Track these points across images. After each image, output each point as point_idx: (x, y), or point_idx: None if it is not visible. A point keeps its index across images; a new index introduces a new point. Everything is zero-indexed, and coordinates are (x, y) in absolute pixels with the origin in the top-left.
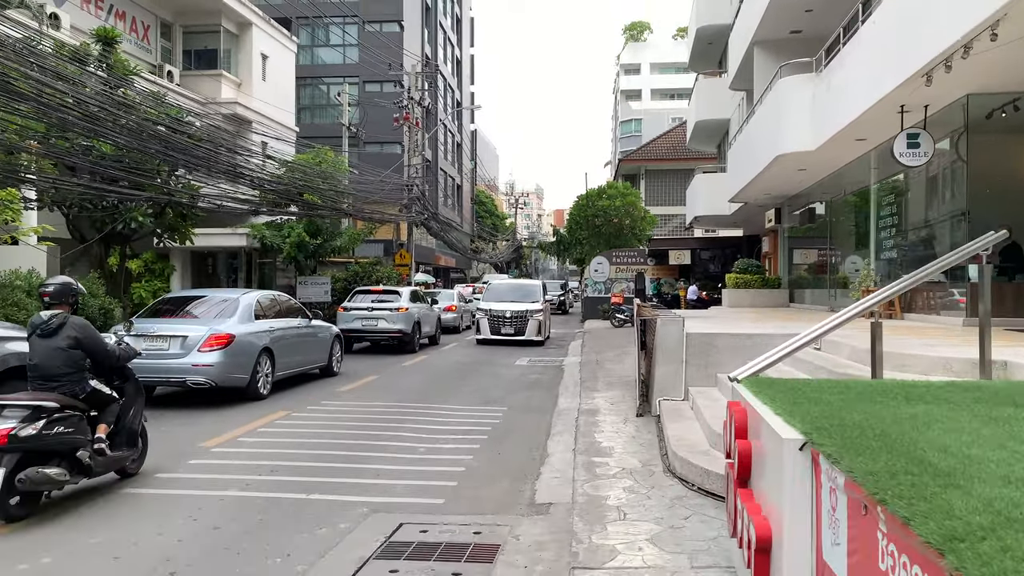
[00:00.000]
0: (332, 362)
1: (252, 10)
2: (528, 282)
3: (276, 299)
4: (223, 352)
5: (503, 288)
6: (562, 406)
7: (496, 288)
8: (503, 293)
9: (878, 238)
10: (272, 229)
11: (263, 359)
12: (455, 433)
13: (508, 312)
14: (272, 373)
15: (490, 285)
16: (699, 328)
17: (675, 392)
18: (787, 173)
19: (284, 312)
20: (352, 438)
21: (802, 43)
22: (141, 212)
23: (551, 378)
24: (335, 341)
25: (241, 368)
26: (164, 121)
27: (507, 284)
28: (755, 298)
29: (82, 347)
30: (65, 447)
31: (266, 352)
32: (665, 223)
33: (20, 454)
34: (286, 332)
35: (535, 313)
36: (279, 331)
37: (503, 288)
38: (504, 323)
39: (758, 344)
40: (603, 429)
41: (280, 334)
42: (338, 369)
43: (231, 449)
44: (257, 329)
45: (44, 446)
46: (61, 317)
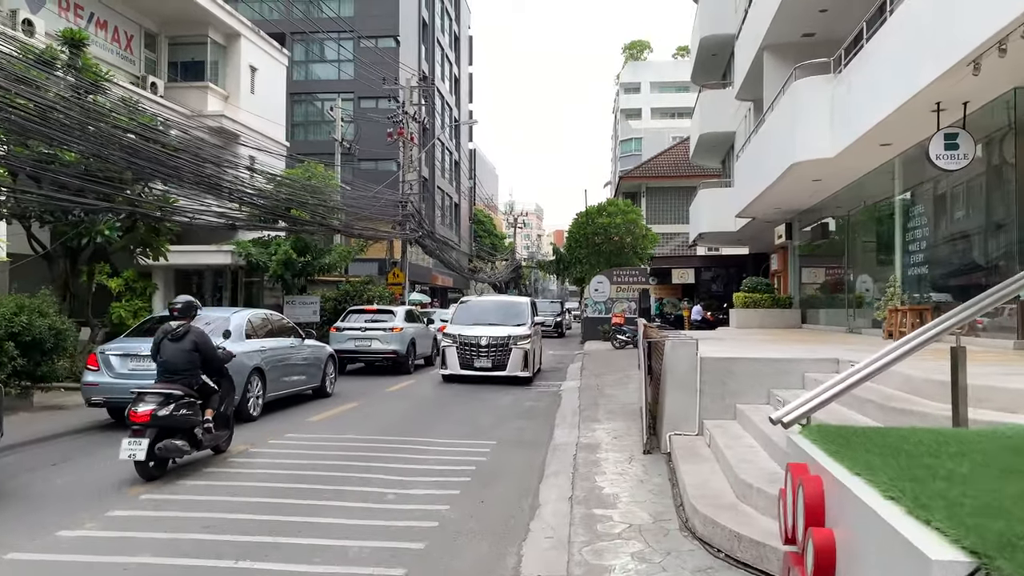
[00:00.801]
0: (326, 383)
1: (240, 21)
2: (512, 299)
3: (268, 318)
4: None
5: (479, 307)
6: (559, 440)
7: (470, 307)
8: (479, 313)
9: (905, 253)
10: (259, 246)
11: (254, 380)
12: (433, 474)
13: (484, 339)
14: (263, 394)
15: (463, 303)
16: (714, 351)
17: (687, 425)
18: (801, 184)
19: (276, 332)
20: (311, 481)
21: (815, 47)
22: (108, 225)
23: (547, 405)
24: (329, 361)
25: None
26: (135, 129)
27: (485, 302)
28: (765, 318)
29: (199, 350)
30: (186, 425)
31: (257, 372)
32: (667, 242)
33: (158, 429)
34: (278, 352)
35: (521, 340)
36: (271, 351)
37: (479, 307)
38: (478, 353)
39: (782, 370)
40: (605, 470)
41: (272, 354)
42: (332, 390)
43: (164, 496)
44: (248, 349)
45: (173, 424)
46: (185, 327)
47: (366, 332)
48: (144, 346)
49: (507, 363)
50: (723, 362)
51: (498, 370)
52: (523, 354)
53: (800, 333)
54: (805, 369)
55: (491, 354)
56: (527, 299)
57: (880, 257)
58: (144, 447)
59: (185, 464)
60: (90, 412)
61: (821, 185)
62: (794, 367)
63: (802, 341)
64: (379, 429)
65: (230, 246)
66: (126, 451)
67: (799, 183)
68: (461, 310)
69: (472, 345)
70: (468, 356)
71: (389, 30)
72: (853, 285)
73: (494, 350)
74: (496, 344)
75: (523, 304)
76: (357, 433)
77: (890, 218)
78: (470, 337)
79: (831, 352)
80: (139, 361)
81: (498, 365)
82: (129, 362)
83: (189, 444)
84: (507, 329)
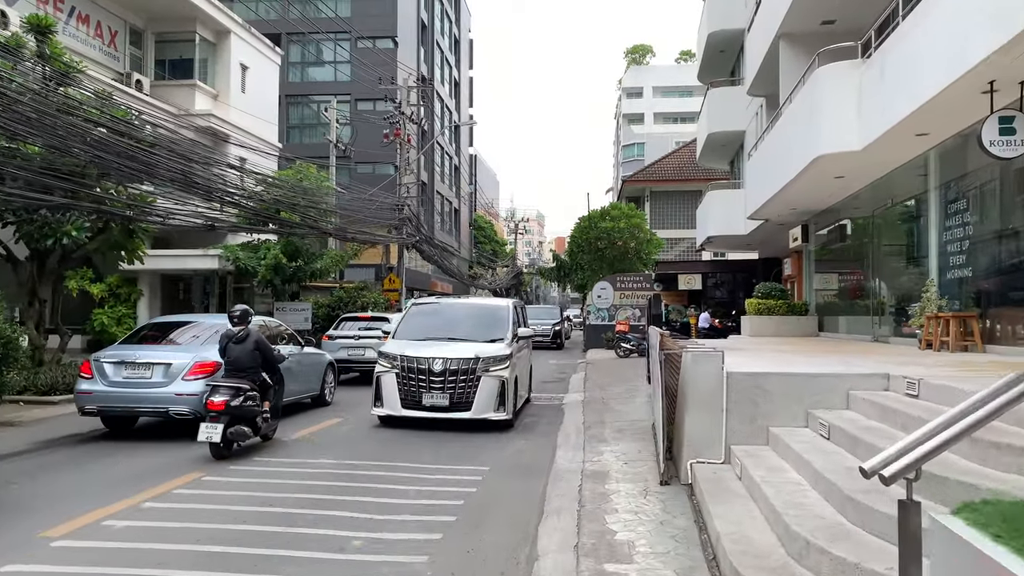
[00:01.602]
0: (325, 391)
1: (231, 17)
2: (487, 303)
3: (265, 325)
4: (208, 380)
5: (439, 314)
6: (561, 464)
7: (425, 313)
8: (437, 323)
9: (943, 254)
10: (247, 251)
11: None
12: (413, 510)
13: (438, 362)
14: None
15: (416, 305)
16: (741, 366)
17: (711, 451)
18: (822, 181)
19: (274, 339)
20: (266, 522)
21: (835, 36)
22: (76, 226)
23: (549, 421)
24: (328, 369)
25: None
26: (104, 122)
27: (448, 307)
28: (780, 326)
29: (259, 350)
30: (250, 415)
31: None
32: (671, 247)
33: (229, 417)
34: None
35: (496, 364)
36: None
37: (439, 314)
38: (430, 385)
39: (823, 387)
40: (616, 506)
41: None
42: (331, 399)
43: (78, 543)
44: None
45: (241, 413)
46: (246, 331)
47: (360, 340)
48: (139, 353)
49: (472, 399)
50: (753, 378)
51: (459, 410)
52: (498, 385)
53: (822, 342)
54: (850, 386)
55: (448, 386)
56: (509, 302)
57: (910, 260)
58: (219, 431)
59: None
60: (47, 429)
61: (843, 183)
62: (836, 384)
63: (831, 352)
64: (359, 451)
65: (217, 250)
66: (204, 434)
67: (820, 180)
68: (411, 317)
69: (420, 372)
70: (413, 388)
71: (387, 31)
72: (877, 291)
73: (453, 380)
74: (457, 370)
75: (502, 310)
76: (334, 458)
77: (923, 217)
78: (418, 359)
79: (876, 366)
80: (134, 369)
81: (459, 402)
82: (123, 370)
83: (252, 430)
84: (475, 348)
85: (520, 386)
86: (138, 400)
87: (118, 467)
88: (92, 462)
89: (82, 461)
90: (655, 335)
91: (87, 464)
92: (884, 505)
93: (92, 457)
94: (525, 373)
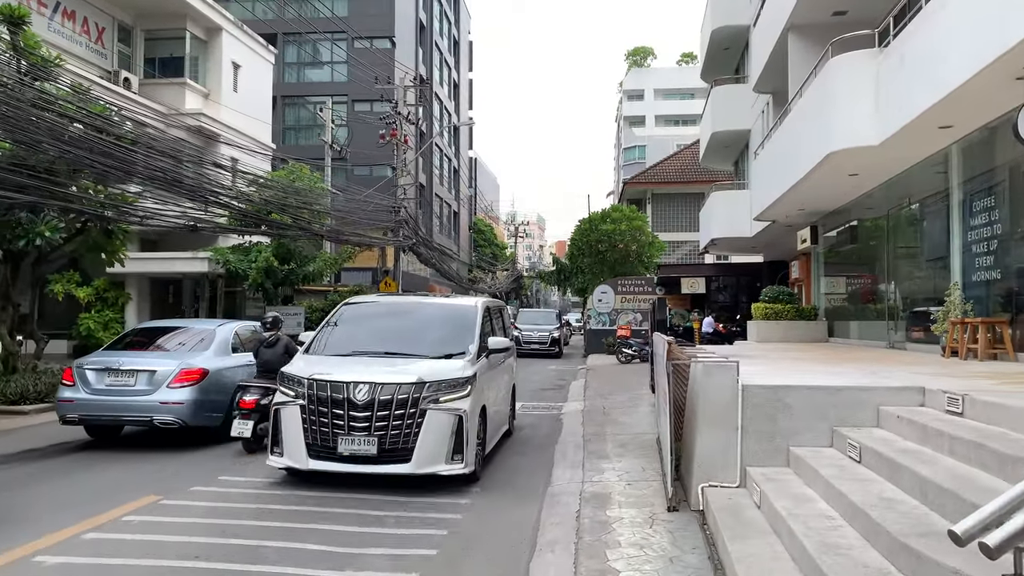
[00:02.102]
0: None
1: (222, 14)
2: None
3: (257, 331)
4: (195, 388)
5: (377, 318)
6: (557, 485)
7: (357, 317)
8: (370, 332)
9: (967, 255)
10: (238, 253)
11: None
12: (388, 543)
13: (363, 389)
14: None
15: (348, 305)
16: (757, 376)
17: (725, 473)
18: (834, 179)
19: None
20: (225, 556)
21: (846, 27)
22: (50, 227)
23: (546, 433)
24: None
25: (214, 407)
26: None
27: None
28: (788, 331)
29: (288, 353)
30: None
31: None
32: (673, 250)
33: (260, 413)
34: None
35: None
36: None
37: (377, 318)
38: (350, 423)
39: (850, 402)
40: (619, 537)
41: None
42: None
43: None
44: (234, 364)
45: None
46: (276, 336)
47: None
48: (123, 359)
49: (413, 444)
50: (772, 391)
51: (392, 461)
52: (452, 423)
53: (836, 349)
54: (880, 401)
55: (377, 425)
56: (479, 302)
57: (929, 262)
58: (250, 427)
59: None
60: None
61: (857, 181)
62: (865, 398)
63: (849, 359)
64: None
65: (207, 253)
66: (237, 430)
67: (832, 178)
68: (338, 322)
69: (335, 403)
70: (325, 428)
71: (384, 31)
72: (892, 295)
73: (385, 416)
74: (390, 401)
75: (467, 313)
76: (306, 478)
77: (943, 215)
78: (333, 385)
79: (907, 378)
80: (117, 376)
81: (393, 449)
82: (107, 377)
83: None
84: (421, 367)
85: (492, 420)
86: (121, 408)
87: (73, 487)
88: (39, 483)
89: (32, 481)
90: (661, 343)
91: (33, 485)
92: (955, 559)
93: (48, 475)
94: (503, 398)
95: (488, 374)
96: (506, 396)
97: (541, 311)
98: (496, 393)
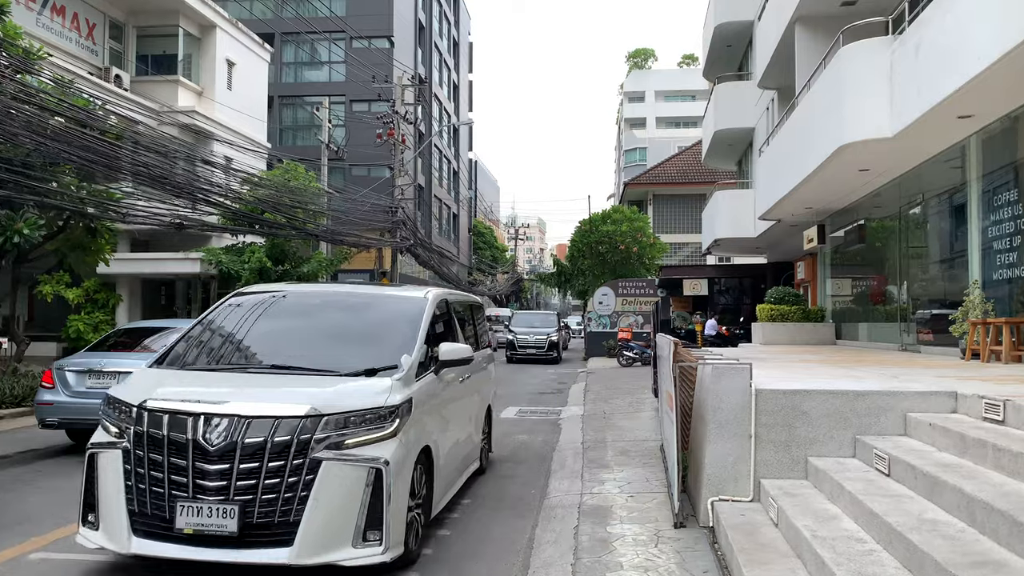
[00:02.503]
0: None
1: (216, 11)
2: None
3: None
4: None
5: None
6: (554, 496)
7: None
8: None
9: (986, 252)
10: (231, 254)
11: None
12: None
13: (219, 427)
14: None
15: (227, 301)
16: (770, 380)
17: (737, 486)
18: (845, 175)
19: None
20: None
21: (856, 17)
22: (28, 224)
23: (544, 440)
24: None
25: None
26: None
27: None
28: (795, 334)
29: None
30: None
31: None
32: (675, 252)
33: None
34: None
35: (363, 429)
36: None
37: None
38: (193, 481)
39: (874, 408)
40: (621, 558)
41: None
42: None
43: None
44: None
45: None
46: None
47: None
48: (106, 361)
49: (299, 516)
50: (789, 396)
51: (261, 542)
52: (362, 480)
53: (846, 352)
54: (908, 407)
55: (239, 483)
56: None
57: (944, 260)
58: None
59: None
60: None
61: (867, 177)
62: (891, 404)
63: (863, 362)
64: None
65: (199, 254)
66: None
67: (842, 174)
68: (216, 322)
69: (177, 448)
70: (159, 488)
71: (382, 30)
72: (904, 295)
73: (252, 470)
74: (261, 445)
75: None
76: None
77: (960, 211)
78: (175, 418)
79: (934, 382)
80: (99, 378)
81: (263, 524)
82: (87, 379)
83: None
84: (315, 391)
85: (446, 465)
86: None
87: (42, 497)
88: (4, 491)
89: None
90: (667, 344)
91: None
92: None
93: (15, 484)
94: (466, 428)
95: (440, 397)
96: (474, 423)
97: (538, 313)
98: (455, 423)
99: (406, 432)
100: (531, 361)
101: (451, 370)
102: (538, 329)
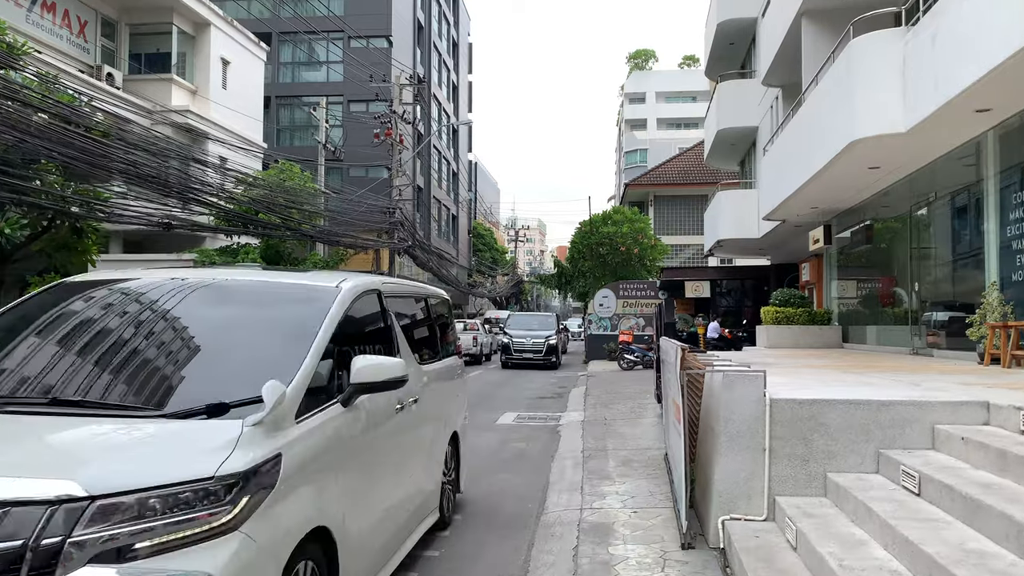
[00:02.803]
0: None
1: (211, 9)
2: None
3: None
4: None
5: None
6: (553, 512)
7: (18, 328)
8: (38, 355)
9: (1005, 252)
10: (224, 255)
11: None
12: None
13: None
14: None
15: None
16: (787, 390)
17: (749, 504)
18: (854, 172)
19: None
20: None
21: (865, 10)
22: (10, 223)
23: (542, 448)
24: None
25: None
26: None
27: (111, 301)
28: (800, 337)
29: None
30: None
31: None
32: (676, 254)
33: None
34: None
35: (162, 533)
36: None
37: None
38: None
39: (898, 419)
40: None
41: None
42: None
43: None
44: None
45: None
46: None
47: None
48: None
49: None
50: (806, 407)
51: None
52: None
53: (855, 356)
54: (936, 419)
55: None
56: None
57: (958, 261)
58: None
59: None
60: None
61: (877, 175)
62: (917, 415)
63: (876, 368)
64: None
65: (192, 255)
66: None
67: (851, 171)
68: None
69: None
70: None
71: (381, 30)
72: (915, 297)
73: None
74: None
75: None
76: None
77: (975, 210)
78: None
79: (962, 390)
80: None
81: None
82: None
83: None
84: (88, 449)
85: (363, 547)
86: None
87: None
88: None
89: None
90: (672, 350)
91: None
92: None
93: None
94: (417, 475)
95: (355, 440)
96: (426, 465)
97: (536, 315)
98: (389, 474)
99: (263, 518)
100: (527, 367)
101: (377, 397)
102: (536, 332)
